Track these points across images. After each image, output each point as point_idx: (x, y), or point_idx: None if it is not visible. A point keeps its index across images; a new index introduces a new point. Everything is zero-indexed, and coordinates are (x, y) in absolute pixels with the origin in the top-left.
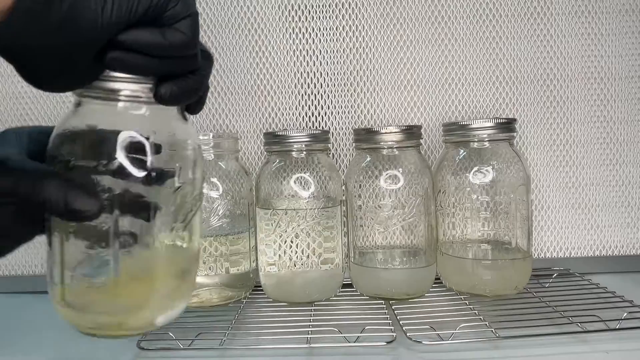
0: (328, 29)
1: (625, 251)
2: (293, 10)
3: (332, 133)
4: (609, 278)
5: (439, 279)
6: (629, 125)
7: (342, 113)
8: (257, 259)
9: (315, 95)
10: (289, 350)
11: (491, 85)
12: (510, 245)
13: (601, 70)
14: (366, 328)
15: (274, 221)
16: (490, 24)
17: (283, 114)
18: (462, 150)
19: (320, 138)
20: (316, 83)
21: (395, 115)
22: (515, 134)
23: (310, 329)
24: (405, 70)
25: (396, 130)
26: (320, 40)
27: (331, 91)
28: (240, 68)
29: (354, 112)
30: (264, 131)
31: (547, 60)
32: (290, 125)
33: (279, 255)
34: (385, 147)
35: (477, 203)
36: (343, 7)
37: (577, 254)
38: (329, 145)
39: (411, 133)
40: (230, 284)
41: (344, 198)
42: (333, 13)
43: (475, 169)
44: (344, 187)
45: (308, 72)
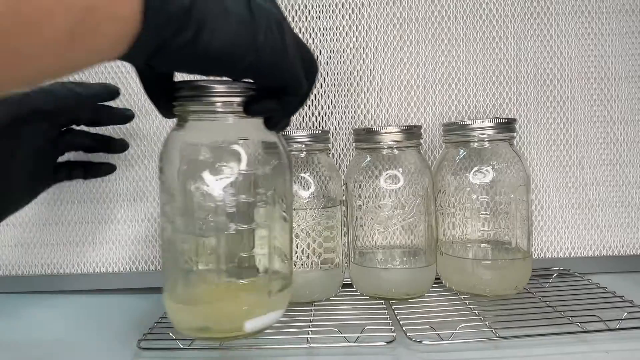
0: (328, 29)
1: (625, 251)
2: (293, 10)
3: (332, 133)
4: (609, 278)
5: (439, 279)
6: (629, 125)
7: (342, 113)
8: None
9: (315, 95)
10: (289, 350)
11: (491, 85)
12: (510, 245)
13: (601, 70)
14: (366, 328)
15: None
16: (490, 24)
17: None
18: (462, 150)
19: (321, 138)
20: (316, 83)
21: (395, 115)
22: (515, 134)
23: (310, 329)
24: (405, 70)
25: (396, 130)
26: (320, 40)
27: (331, 91)
28: None
29: (354, 112)
30: None
31: (547, 60)
32: (290, 125)
33: None
34: (385, 147)
35: (477, 203)
36: (343, 7)
37: (577, 254)
38: (329, 145)
39: (411, 133)
40: None
41: (344, 198)
42: (333, 13)
43: (475, 169)
44: (344, 187)
45: None
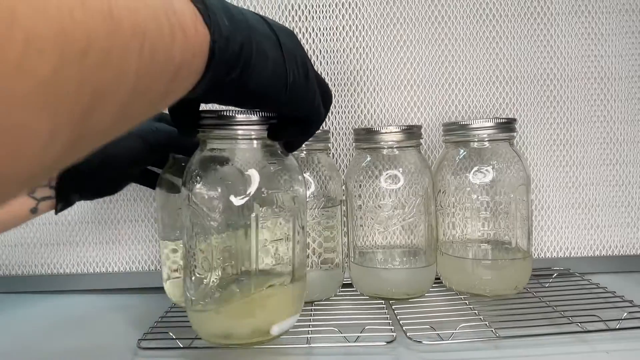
0: (328, 29)
1: (625, 251)
2: (293, 10)
3: (332, 133)
4: (609, 278)
5: (439, 278)
6: (629, 125)
7: (342, 113)
8: None
9: None
10: (289, 350)
11: (491, 85)
12: (510, 245)
13: (601, 70)
14: (366, 328)
15: None
16: (490, 24)
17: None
18: (462, 150)
19: (321, 138)
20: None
21: (395, 115)
22: (515, 134)
23: (310, 329)
24: (405, 70)
25: (396, 130)
26: (320, 40)
27: (331, 91)
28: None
29: (354, 112)
30: None
31: (547, 60)
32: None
33: None
34: (386, 147)
35: (477, 203)
36: (343, 7)
37: (577, 254)
38: (329, 145)
39: (411, 133)
40: None
41: (344, 198)
42: (333, 13)
43: (475, 168)
44: (344, 187)
45: None
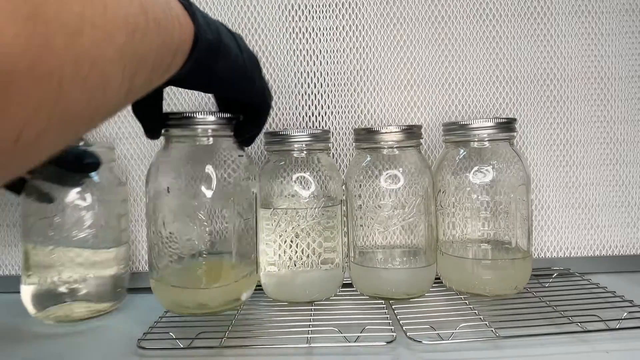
0: (328, 29)
1: (625, 251)
2: (293, 10)
3: (332, 133)
4: (609, 278)
5: (439, 278)
6: (629, 125)
7: (342, 113)
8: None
9: (315, 95)
10: (289, 350)
11: (491, 85)
12: (510, 245)
13: (601, 70)
14: (366, 328)
15: (274, 221)
16: (490, 24)
17: (283, 114)
18: (462, 150)
19: (321, 138)
20: (316, 83)
21: (395, 115)
22: (515, 134)
23: (310, 329)
24: (405, 70)
25: (396, 130)
26: (320, 40)
27: (331, 91)
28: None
29: (354, 112)
30: (265, 130)
31: (547, 60)
32: (290, 125)
33: (279, 255)
34: (386, 147)
35: (477, 203)
36: (343, 7)
37: (577, 254)
38: (330, 144)
39: (411, 133)
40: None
41: (344, 198)
42: (333, 13)
43: (475, 168)
44: (344, 187)
45: (308, 72)
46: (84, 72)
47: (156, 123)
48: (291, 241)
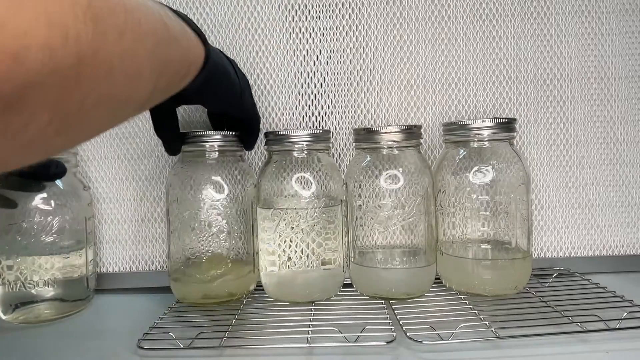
0: (328, 29)
1: (625, 251)
2: (293, 10)
3: (332, 133)
4: (609, 278)
5: (439, 278)
6: (629, 125)
7: (342, 113)
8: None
9: (315, 95)
10: (289, 350)
11: (491, 85)
12: (510, 245)
13: (601, 70)
14: (366, 328)
15: (275, 221)
16: (490, 24)
17: (283, 114)
18: (462, 150)
19: (322, 138)
20: (316, 83)
21: (395, 115)
22: (515, 134)
23: (310, 329)
24: (405, 70)
25: (396, 130)
26: (320, 40)
27: (331, 91)
28: (240, 68)
29: (354, 112)
30: (265, 131)
31: (547, 60)
32: (290, 125)
33: (279, 254)
34: (385, 147)
35: (477, 203)
36: (343, 7)
37: (577, 254)
38: (330, 144)
39: (411, 133)
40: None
41: (344, 198)
42: (333, 13)
43: (475, 168)
44: (344, 187)
45: (308, 72)
46: (125, 65)
47: (177, 142)
48: (291, 241)
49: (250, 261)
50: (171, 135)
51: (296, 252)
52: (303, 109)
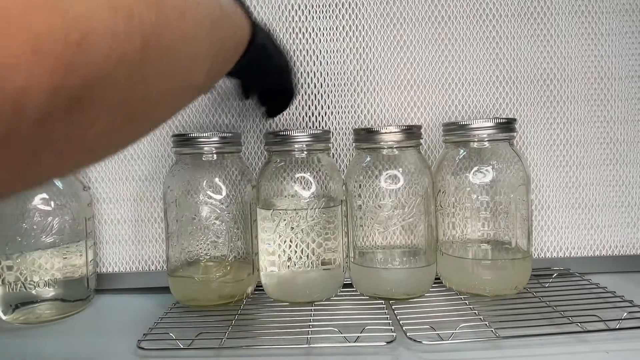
0: (328, 29)
1: (625, 251)
2: (293, 10)
3: (332, 133)
4: (609, 278)
5: (439, 279)
6: (629, 125)
7: (342, 113)
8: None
9: (315, 95)
10: (289, 350)
11: (491, 85)
12: (510, 245)
13: (601, 70)
14: (366, 328)
15: (274, 221)
16: (490, 24)
17: (283, 114)
18: (462, 150)
19: (322, 138)
20: (316, 83)
21: (395, 115)
22: (515, 134)
23: (310, 329)
24: (405, 70)
25: (396, 130)
26: (320, 40)
27: (331, 91)
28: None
29: (354, 112)
30: (265, 131)
31: (547, 60)
32: (290, 125)
33: (279, 255)
34: (385, 147)
35: (477, 203)
36: (343, 7)
37: (577, 254)
38: (330, 145)
39: (411, 133)
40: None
41: (344, 198)
42: (333, 13)
43: (475, 168)
44: (344, 187)
45: (308, 72)
46: (187, 47)
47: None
48: (291, 241)
49: (249, 262)
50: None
51: (296, 253)
52: (303, 109)
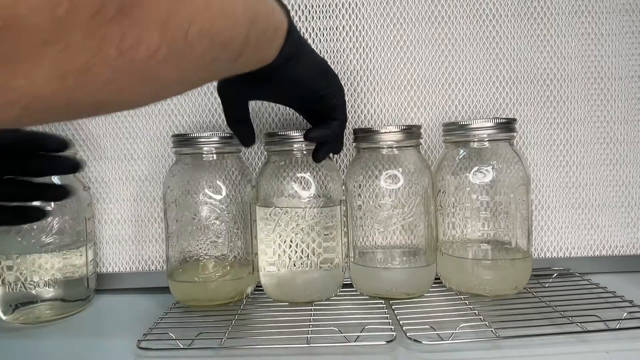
0: (328, 29)
1: (625, 251)
2: (293, 10)
3: None
4: (609, 278)
5: (439, 279)
6: (629, 125)
7: None
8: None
9: None
10: (289, 350)
11: (491, 85)
12: (510, 245)
13: (601, 70)
14: (366, 328)
15: (274, 220)
16: (490, 24)
17: (283, 114)
18: (462, 150)
19: None
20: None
21: (395, 115)
22: (515, 134)
23: (310, 329)
24: (405, 70)
25: (396, 129)
26: (320, 40)
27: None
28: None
29: (354, 112)
30: (265, 131)
31: (547, 60)
32: (290, 125)
33: (279, 254)
34: (385, 147)
35: (477, 203)
36: (343, 7)
37: (577, 254)
38: None
39: (411, 133)
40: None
41: (344, 198)
42: (333, 13)
43: (475, 168)
44: (343, 187)
45: None
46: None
47: (250, 133)
48: (291, 241)
49: (249, 262)
50: (241, 126)
51: (296, 252)
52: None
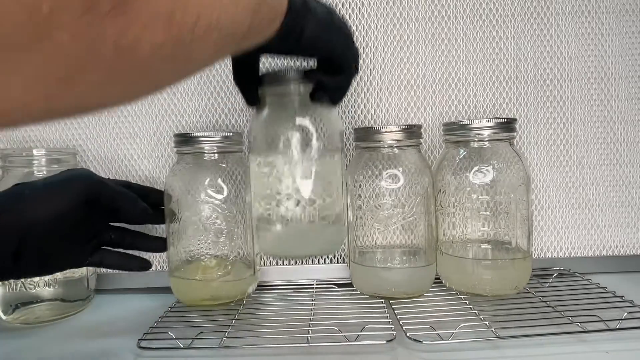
0: None
1: (625, 251)
2: None
3: None
4: (609, 278)
5: (439, 278)
6: (629, 125)
7: (343, 113)
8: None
9: None
10: (289, 349)
11: (491, 85)
12: (510, 245)
13: (601, 70)
14: (366, 327)
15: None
16: (490, 24)
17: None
18: (462, 150)
19: None
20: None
21: (395, 114)
22: (515, 134)
23: (310, 328)
24: (405, 70)
25: (396, 129)
26: None
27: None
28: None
29: (354, 112)
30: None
31: (547, 60)
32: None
33: (275, 203)
34: (386, 147)
35: (477, 203)
36: (343, 7)
37: (577, 254)
38: None
39: (411, 132)
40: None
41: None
42: None
43: (476, 168)
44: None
45: None
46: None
47: (254, 91)
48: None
49: (250, 262)
50: (247, 84)
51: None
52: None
